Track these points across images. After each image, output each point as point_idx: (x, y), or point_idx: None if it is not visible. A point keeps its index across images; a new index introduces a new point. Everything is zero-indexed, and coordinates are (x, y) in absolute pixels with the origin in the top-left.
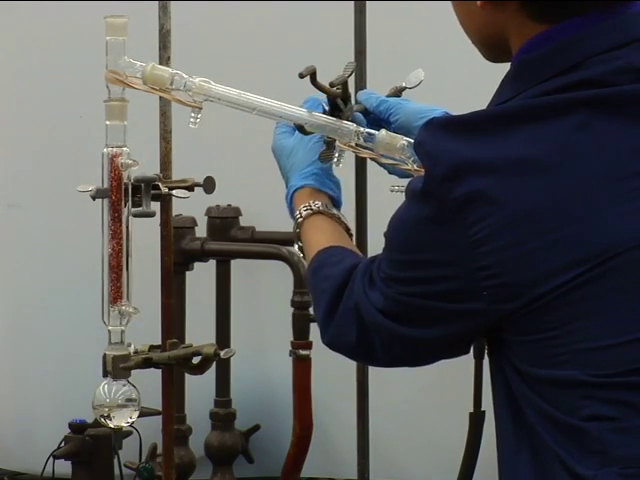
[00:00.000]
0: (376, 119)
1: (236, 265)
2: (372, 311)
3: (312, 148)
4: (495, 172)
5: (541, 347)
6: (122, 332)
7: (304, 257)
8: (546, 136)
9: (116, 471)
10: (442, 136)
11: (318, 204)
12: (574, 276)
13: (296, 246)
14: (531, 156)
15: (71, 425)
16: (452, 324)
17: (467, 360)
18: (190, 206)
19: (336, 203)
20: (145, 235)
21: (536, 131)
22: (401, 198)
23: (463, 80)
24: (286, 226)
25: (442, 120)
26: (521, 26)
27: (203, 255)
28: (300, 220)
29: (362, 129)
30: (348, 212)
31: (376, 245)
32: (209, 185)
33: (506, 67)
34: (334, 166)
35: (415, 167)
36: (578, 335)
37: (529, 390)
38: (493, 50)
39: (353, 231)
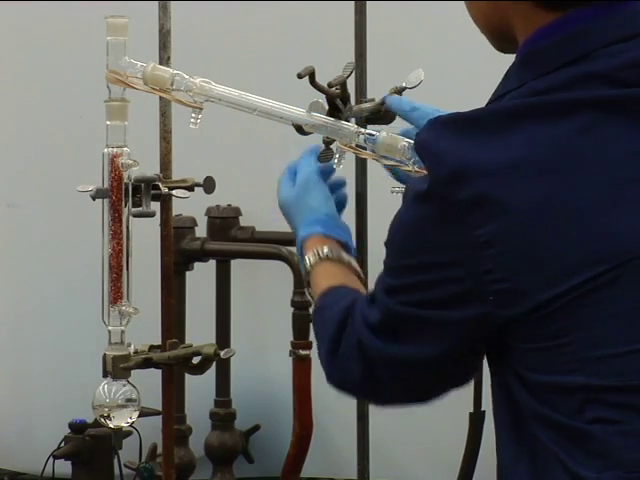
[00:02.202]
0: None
1: (236, 265)
2: (372, 339)
3: (315, 195)
4: (501, 174)
5: (547, 354)
6: (122, 332)
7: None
8: (552, 138)
9: (116, 471)
10: (445, 135)
11: (326, 250)
12: (582, 281)
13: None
14: (538, 158)
15: (71, 425)
16: (455, 336)
17: None
18: (190, 206)
19: (346, 247)
20: (145, 235)
21: (541, 132)
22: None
23: (463, 80)
24: (286, 226)
25: (445, 119)
26: (527, 16)
27: (203, 255)
28: (309, 269)
29: (363, 130)
30: (348, 213)
31: (376, 246)
32: (209, 185)
33: (506, 67)
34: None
35: (416, 168)
36: (586, 343)
37: (530, 395)
38: (500, 40)
39: (353, 232)
